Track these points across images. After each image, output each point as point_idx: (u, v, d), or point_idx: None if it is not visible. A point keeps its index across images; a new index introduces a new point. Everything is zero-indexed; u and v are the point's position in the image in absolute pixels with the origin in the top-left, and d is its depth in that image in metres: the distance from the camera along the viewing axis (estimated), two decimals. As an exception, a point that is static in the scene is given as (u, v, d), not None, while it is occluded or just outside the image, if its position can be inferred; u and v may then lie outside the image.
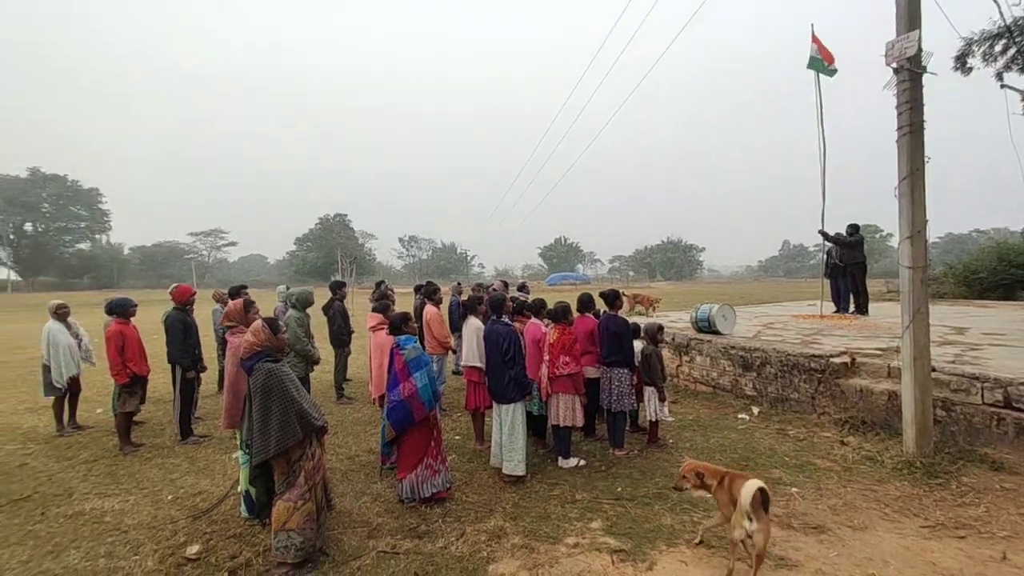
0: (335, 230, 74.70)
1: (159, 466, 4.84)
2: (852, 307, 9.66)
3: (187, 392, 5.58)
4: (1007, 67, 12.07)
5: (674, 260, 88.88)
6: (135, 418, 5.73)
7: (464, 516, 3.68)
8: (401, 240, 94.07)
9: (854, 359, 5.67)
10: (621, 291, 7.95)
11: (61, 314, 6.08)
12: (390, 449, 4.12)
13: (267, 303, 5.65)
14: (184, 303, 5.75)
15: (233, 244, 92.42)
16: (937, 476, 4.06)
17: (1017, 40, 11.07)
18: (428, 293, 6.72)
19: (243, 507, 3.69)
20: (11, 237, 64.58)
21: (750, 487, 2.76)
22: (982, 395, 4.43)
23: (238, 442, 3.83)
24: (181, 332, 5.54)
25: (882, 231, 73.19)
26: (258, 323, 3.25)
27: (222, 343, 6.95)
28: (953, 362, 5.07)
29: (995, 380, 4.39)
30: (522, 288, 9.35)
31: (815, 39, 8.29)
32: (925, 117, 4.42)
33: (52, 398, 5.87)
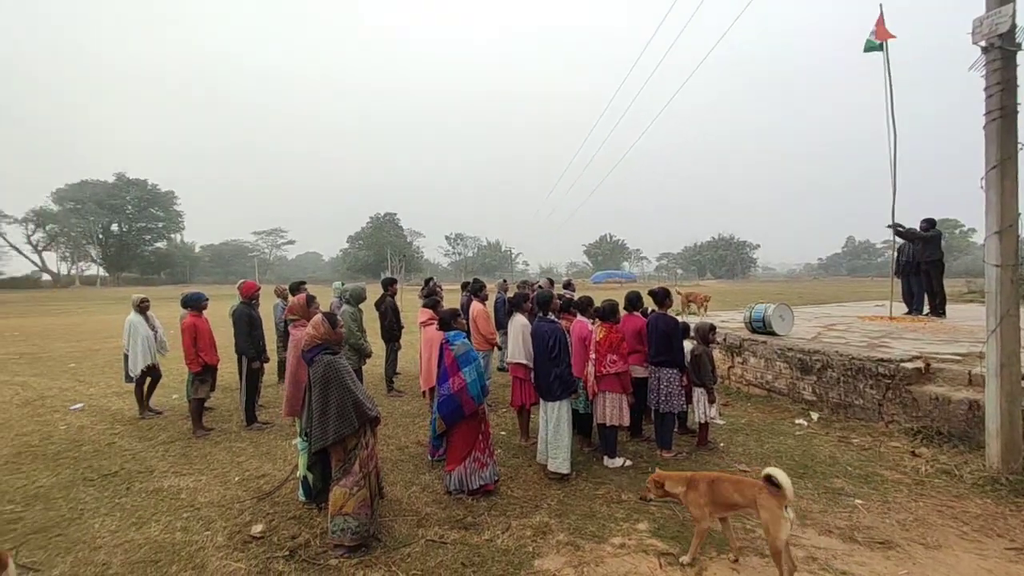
0: (385, 229, 77.28)
1: (227, 449, 5.21)
2: (927, 308, 8.91)
3: (252, 381, 5.96)
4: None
5: (725, 257, 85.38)
6: (206, 404, 6.19)
7: (510, 510, 3.73)
8: (448, 238, 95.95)
9: (929, 364, 5.24)
10: (675, 290, 7.74)
11: (143, 307, 6.65)
12: (440, 441, 4.23)
13: (323, 299, 5.92)
14: (250, 298, 6.14)
15: (292, 243, 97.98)
16: (1026, 495, 3.70)
17: None
18: (474, 290, 6.82)
19: (301, 491, 3.91)
20: (100, 237, 71.31)
21: (785, 477, 2.65)
22: (1083, 408, 3.97)
23: (297, 429, 4.05)
24: (247, 325, 5.92)
25: (963, 226, 67.10)
26: (318, 317, 3.42)
27: (283, 335, 7.38)
28: (1048, 370, 4.58)
29: (1100, 391, 3.93)
30: (567, 286, 9.29)
31: (880, 22, 7.67)
32: (1020, 99, 4.01)
33: (134, 384, 6.44)
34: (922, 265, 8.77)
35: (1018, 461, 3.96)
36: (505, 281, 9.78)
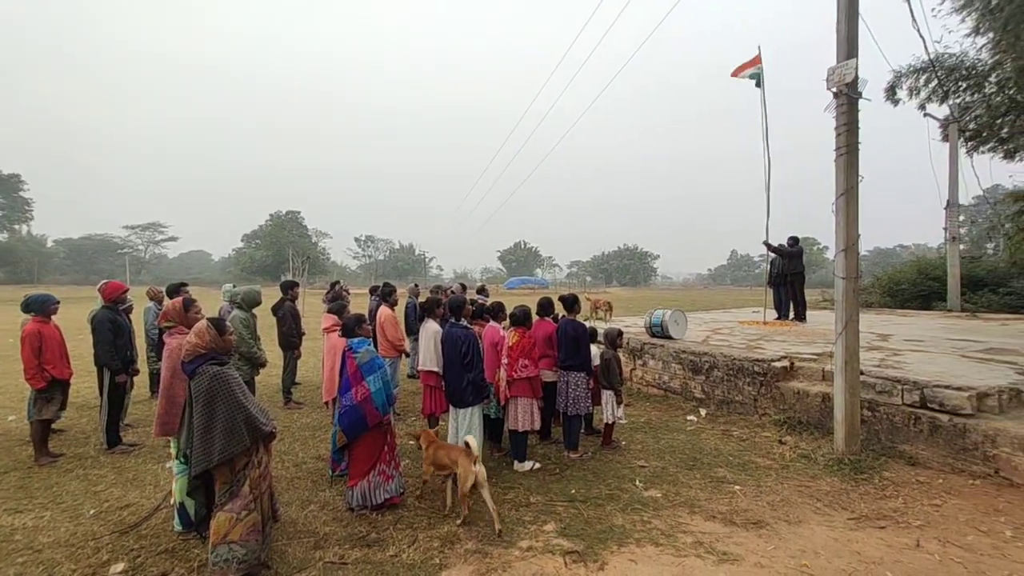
0: (287, 227, 71.86)
1: (81, 478, 4.45)
2: (792, 314, 10.26)
3: (116, 397, 5.17)
4: (929, 98, 13.32)
5: (630, 266, 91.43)
6: (54, 426, 5.25)
7: (416, 522, 3.61)
8: (357, 240, 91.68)
9: (793, 363, 6.02)
10: (584, 296, 8.08)
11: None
12: (341, 455, 3.98)
13: (210, 302, 5.33)
14: (114, 301, 5.33)
15: (173, 239, 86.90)
16: (863, 472, 4.37)
17: (939, 74, 12.20)
18: (384, 294, 6.58)
19: (176, 520, 3.46)
20: (-89, 225, 57.91)
21: (475, 442, 3.72)
22: (902, 396, 4.81)
23: (172, 451, 3.58)
24: (110, 332, 5.13)
25: (819, 244, 78.17)
26: (203, 323, 3.06)
27: (156, 344, 6.51)
28: (878, 366, 5.48)
29: (913, 383, 4.78)
30: (481, 291, 9.31)
31: (758, 59, 8.78)
32: (860, 139, 4.77)
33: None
34: (788, 277, 10.09)
35: (857, 444, 4.68)
36: (416, 285, 9.56)
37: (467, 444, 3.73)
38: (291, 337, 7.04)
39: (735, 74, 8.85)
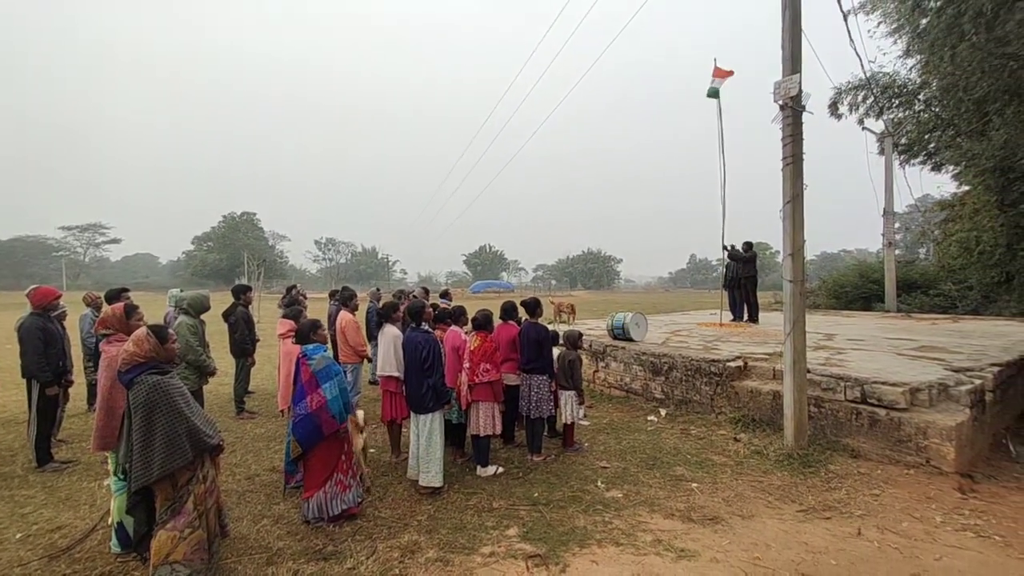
0: (242, 229, 69.22)
1: (6, 499, 4.10)
2: (746, 316, 10.69)
3: (47, 411, 4.79)
4: (867, 113, 14.28)
5: (593, 270, 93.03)
6: (-25, 444, 4.82)
7: (376, 533, 3.52)
8: (317, 243, 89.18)
9: (746, 363, 6.26)
10: (548, 300, 8.14)
11: None
12: (295, 467, 3.83)
13: (156, 308, 5.03)
14: (44, 307, 4.94)
15: (116, 241, 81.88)
16: (810, 465, 4.59)
17: (875, 91, 13.08)
18: (344, 299, 6.40)
19: (114, 541, 3.23)
20: None
21: (362, 414, 4.36)
22: (845, 393, 5.09)
23: (110, 467, 3.36)
24: (40, 341, 4.76)
25: (771, 248, 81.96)
26: (142, 331, 2.89)
27: (93, 354, 6.08)
28: (824, 364, 5.78)
29: (855, 379, 5.07)
30: (444, 295, 9.23)
31: (717, 72, 9.12)
32: (805, 150, 5.03)
33: None
34: (742, 280, 10.52)
35: (805, 439, 4.92)
36: (378, 290, 9.37)
37: (355, 414, 4.24)
38: (244, 344, 6.74)
39: (718, 74, 8.98)
